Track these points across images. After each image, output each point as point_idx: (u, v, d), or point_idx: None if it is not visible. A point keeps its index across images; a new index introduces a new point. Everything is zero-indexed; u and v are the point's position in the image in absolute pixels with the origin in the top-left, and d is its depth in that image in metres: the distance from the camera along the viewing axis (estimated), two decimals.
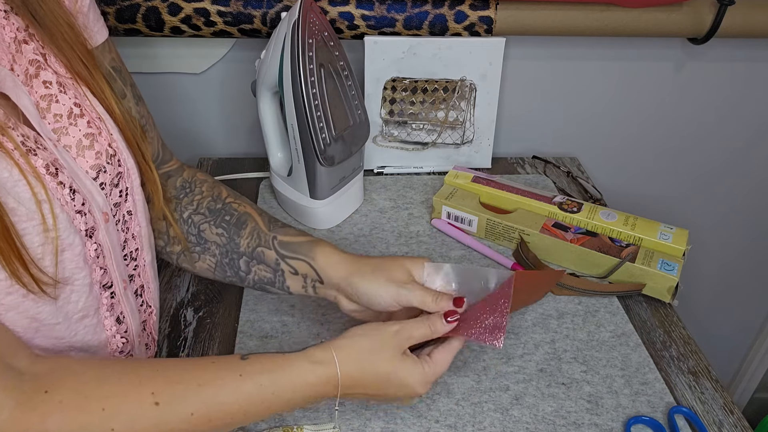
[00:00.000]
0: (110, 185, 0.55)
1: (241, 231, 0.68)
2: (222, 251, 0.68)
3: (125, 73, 0.66)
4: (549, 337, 0.75)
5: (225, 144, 1.11)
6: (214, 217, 0.68)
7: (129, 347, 0.60)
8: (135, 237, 0.60)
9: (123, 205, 0.58)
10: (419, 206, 0.96)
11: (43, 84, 0.52)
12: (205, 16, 0.91)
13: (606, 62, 1.05)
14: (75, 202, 0.50)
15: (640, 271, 0.78)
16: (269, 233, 0.67)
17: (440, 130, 1.01)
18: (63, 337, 0.52)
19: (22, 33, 0.52)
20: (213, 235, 0.68)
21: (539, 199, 0.88)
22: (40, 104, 0.51)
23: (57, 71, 0.53)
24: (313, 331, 0.75)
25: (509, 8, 0.93)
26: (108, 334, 0.57)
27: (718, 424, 0.67)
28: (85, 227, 0.52)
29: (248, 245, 0.67)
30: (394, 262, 0.64)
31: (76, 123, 0.53)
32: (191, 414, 0.49)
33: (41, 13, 0.52)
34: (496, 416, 0.66)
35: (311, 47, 0.78)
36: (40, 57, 0.52)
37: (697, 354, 0.74)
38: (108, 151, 0.55)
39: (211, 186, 0.71)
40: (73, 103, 0.54)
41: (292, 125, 0.83)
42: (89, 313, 0.54)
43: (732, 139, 1.15)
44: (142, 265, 0.62)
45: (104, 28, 0.63)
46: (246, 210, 0.69)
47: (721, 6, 0.93)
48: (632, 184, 1.20)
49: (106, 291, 0.56)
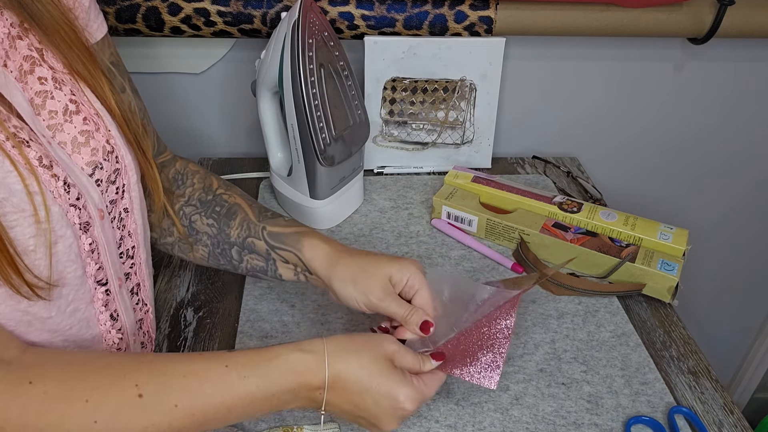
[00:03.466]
0: (107, 182, 0.55)
1: (231, 222, 0.68)
2: (213, 242, 0.69)
3: (122, 67, 0.66)
4: (549, 337, 0.75)
5: (225, 144, 1.11)
6: (205, 208, 0.69)
7: (124, 345, 0.60)
8: (131, 235, 0.60)
9: (119, 202, 0.57)
10: (419, 206, 0.96)
11: (38, 80, 0.51)
12: (205, 16, 0.91)
13: (606, 62, 1.05)
14: (69, 196, 0.50)
15: (640, 271, 0.78)
16: (258, 224, 0.67)
17: (440, 130, 1.01)
18: (57, 330, 0.52)
19: (16, 29, 0.51)
20: (204, 226, 0.69)
21: (539, 199, 0.88)
22: (35, 101, 0.51)
23: (53, 67, 0.53)
24: (313, 332, 0.75)
25: (509, 8, 0.94)
26: (102, 329, 0.57)
27: (718, 424, 0.67)
28: (79, 221, 0.51)
29: (238, 235, 0.68)
30: (377, 268, 0.61)
31: (72, 120, 0.53)
32: (175, 405, 0.48)
33: (36, 9, 0.51)
34: (496, 416, 0.66)
35: (311, 47, 0.78)
36: (35, 53, 0.52)
37: (697, 354, 0.74)
38: (105, 147, 0.55)
39: (203, 177, 0.71)
40: (69, 100, 0.53)
41: (292, 125, 0.83)
42: (80, 306, 0.53)
43: (732, 139, 1.15)
44: (138, 263, 0.62)
45: (104, 24, 0.63)
46: (236, 201, 0.69)
47: (721, 6, 0.93)
48: (632, 184, 1.20)
49: (101, 287, 0.56)
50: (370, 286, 0.61)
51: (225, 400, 0.50)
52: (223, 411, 0.50)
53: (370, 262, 0.62)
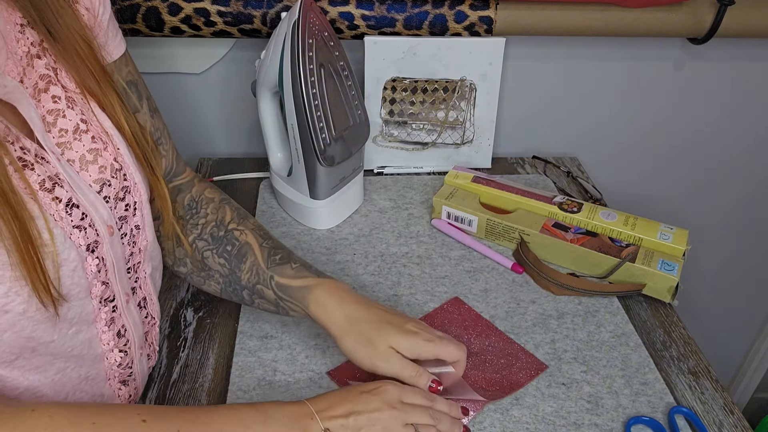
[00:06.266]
0: (115, 199, 0.55)
1: (242, 265, 0.68)
2: (225, 281, 0.69)
3: (142, 85, 0.66)
4: (549, 337, 0.75)
5: (225, 144, 1.11)
6: (217, 245, 0.68)
7: (128, 360, 0.60)
8: (141, 251, 0.60)
9: (131, 219, 0.58)
10: (419, 206, 0.96)
11: (52, 99, 0.52)
12: (205, 16, 0.91)
13: (606, 62, 1.05)
14: (72, 217, 0.50)
15: (640, 271, 0.78)
16: (267, 271, 0.67)
17: (440, 130, 1.01)
18: (58, 354, 0.52)
19: (36, 48, 0.52)
20: (216, 264, 0.68)
21: (539, 199, 0.88)
22: (47, 118, 0.51)
23: (66, 86, 0.54)
24: (313, 331, 0.75)
25: (509, 8, 0.93)
26: (104, 349, 0.57)
27: (718, 424, 0.66)
28: (85, 242, 0.51)
29: (248, 280, 0.68)
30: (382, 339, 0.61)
31: (81, 138, 0.53)
32: (177, 431, 0.49)
33: (57, 27, 0.53)
34: (496, 416, 0.66)
35: (311, 47, 0.78)
36: (51, 72, 0.53)
37: (697, 354, 0.74)
38: (113, 165, 0.55)
39: (216, 207, 0.70)
40: (80, 119, 0.54)
41: (292, 125, 0.83)
42: (82, 328, 0.53)
43: (732, 138, 1.15)
44: (143, 277, 0.62)
45: (122, 42, 0.63)
46: (246, 240, 0.69)
47: (721, 6, 0.93)
48: (632, 184, 1.20)
49: (107, 305, 0.55)
50: (377, 356, 0.61)
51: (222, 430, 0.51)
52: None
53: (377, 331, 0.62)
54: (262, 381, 0.68)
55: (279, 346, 0.73)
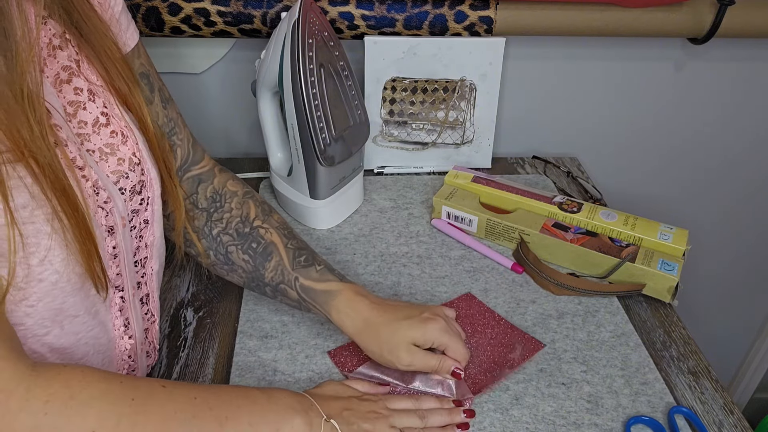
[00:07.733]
0: (131, 192, 0.56)
1: (266, 263, 0.68)
2: (249, 276, 0.69)
3: (154, 76, 0.66)
4: (549, 337, 0.75)
5: (225, 144, 1.11)
6: (242, 241, 0.69)
7: (135, 351, 0.61)
8: (147, 246, 0.60)
9: (142, 213, 0.58)
10: (419, 206, 0.96)
11: (74, 90, 0.52)
12: (205, 16, 0.91)
13: (606, 62, 1.05)
14: (98, 198, 0.51)
15: (640, 271, 0.78)
16: (292, 272, 0.68)
17: (440, 130, 1.01)
18: (80, 332, 0.53)
19: (58, 39, 0.52)
20: (240, 260, 0.69)
21: (539, 199, 0.88)
22: (67, 109, 0.52)
23: (89, 79, 0.54)
24: (313, 331, 0.75)
25: (509, 8, 0.94)
26: (116, 334, 0.57)
27: (718, 424, 0.66)
28: (105, 223, 0.52)
29: (272, 279, 0.68)
30: (398, 336, 0.63)
31: (99, 132, 0.54)
32: (194, 398, 0.51)
33: (77, 17, 0.53)
34: (496, 416, 0.66)
35: (311, 47, 0.78)
36: (73, 64, 0.53)
37: (697, 354, 0.74)
38: (132, 159, 0.56)
39: (240, 202, 0.70)
40: (100, 112, 0.54)
41: (292, 125, 0.83)
42: (100, 309, 0.54)
43: (732, 139, 1.15)
44: (150, 274, 0.62)
45: (135, 32, 0.63)
46: (272, 239, 0.69)
47: (721, 6, 0.93)
48: (632, 184, 1.20)
49: (118, 292, 0.56)
50: (396, 355, 0.63)
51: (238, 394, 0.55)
52: (234, 407, 0.53)
53: (392, 332, 0.64)
54: (262, 381, 0.68)
55: (279, 346, 0.73)
